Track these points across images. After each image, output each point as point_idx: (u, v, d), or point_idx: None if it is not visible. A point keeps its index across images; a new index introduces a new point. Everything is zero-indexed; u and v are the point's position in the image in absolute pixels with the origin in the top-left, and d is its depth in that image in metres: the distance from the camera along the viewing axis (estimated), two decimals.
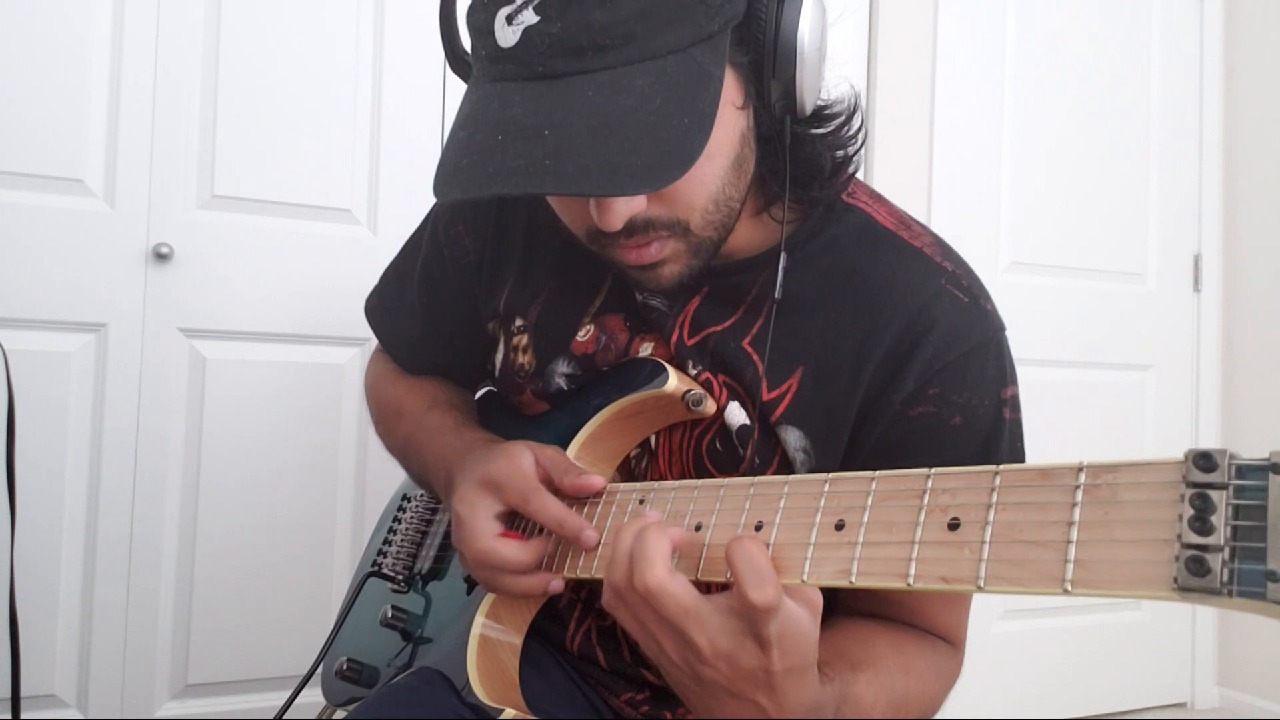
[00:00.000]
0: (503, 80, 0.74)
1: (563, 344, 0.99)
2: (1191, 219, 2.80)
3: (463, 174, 0.72)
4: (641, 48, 0.71)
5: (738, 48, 0.78)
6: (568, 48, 0.71)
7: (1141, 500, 0.43)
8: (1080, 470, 0.47)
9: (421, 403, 1.10)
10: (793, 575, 0.61)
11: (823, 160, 0.87)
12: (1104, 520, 0.44)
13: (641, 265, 0.83)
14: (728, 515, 0.69)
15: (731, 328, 0.91)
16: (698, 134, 0.72)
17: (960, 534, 0.50)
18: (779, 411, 0.88)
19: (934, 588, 0.50)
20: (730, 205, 0.83)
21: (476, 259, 1.07)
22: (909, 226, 0.93)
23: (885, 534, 0.55)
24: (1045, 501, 0.47)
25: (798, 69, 0.80)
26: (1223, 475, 0.41)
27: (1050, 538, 0.46)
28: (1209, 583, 0.40)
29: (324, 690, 1.12)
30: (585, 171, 0.69)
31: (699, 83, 0.73)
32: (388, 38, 1.97)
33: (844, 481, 0.61)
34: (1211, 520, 0.40)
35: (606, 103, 0.70)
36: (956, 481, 0.53)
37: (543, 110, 0.71)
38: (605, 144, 0.70)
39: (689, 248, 0.83)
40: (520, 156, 0.70)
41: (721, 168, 0.80)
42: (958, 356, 0.85)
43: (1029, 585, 0.45)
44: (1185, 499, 0.42)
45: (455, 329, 1.11)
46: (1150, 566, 0.42)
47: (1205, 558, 0.40)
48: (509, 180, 0.70)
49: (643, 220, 0.79)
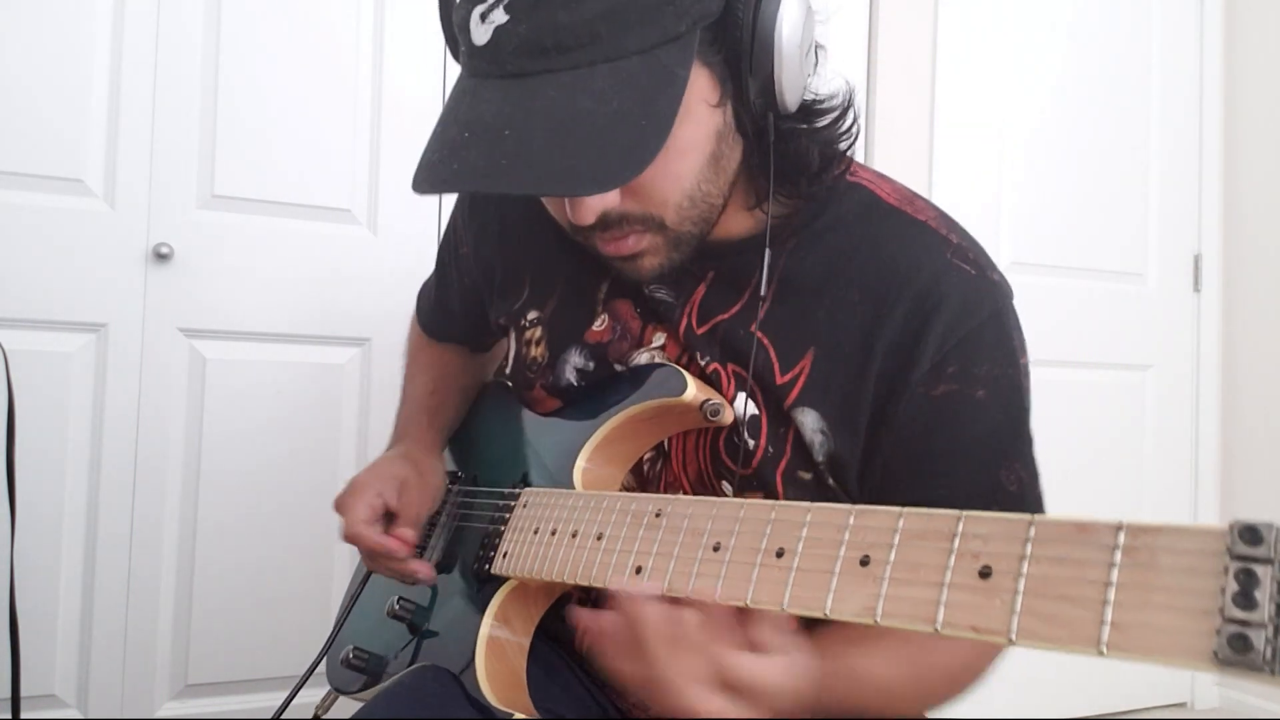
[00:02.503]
0: (477, 76, 0.77)
1: (576, 334, 0.99)
2: (1191, 219, 2.80)
3: (433, 170, 0.75)
4: (605, 49, 0.73)
5: (711, 46, 0.79)
6: (533, 48, 0.73)
7: (1183, 567, 0.42)
8: (1120, 530, 0.46)
9: (424, 362, 1.25)
10: (815, 608, 0.60)
11: (810, 156, 0.87)
12: (1143, 584, 0.44)
13: (620, 257, 0.85)
14: (747, 539, 0.68)
15: (740, 313, 0.91)
16: (654, 136, 0.74)
17: (992, 583, 0.50)
18: (794, 394, 0.87)
19: (963, 635, 0.50)
20: (708, 201, 0.84)
21: (472, 251, 1.11)
22: (912, 202, 0.93)
23: (912, 574, 0.55)
24: (1081, 558, 0.46)
25: (776, 66, 0.80)
26: (1269, 550, 0.41)
27: (1087, 595, 0.45)
28: (1251, 660, 0.39)
29: (329, 678, 1.12)
30: (540, 173, 0.72)
31: (661, 84, 0.74)
32: (388, 38, 1.96)
33: (869, 515, 0.60)
34: (1256, 596, 0.40)
35: (566, 104, 0.72)
36: (988, 528, 0.52)
37: (506, 110, 0.74)
38: (561, 146, 0.72)
39: (666, 241, 0.85)
40: (482, 156, 0.73)
41: (695, 164, 0.81)
42: (971, 330, 0.85)
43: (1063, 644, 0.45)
44: (1229, 572, 0.41)
45: (460, 308, 1.19)
46: (1189, 637, 0.42)
47: (1248, 634, 0.39)
48: (470, 179, 0.75)
49: (617, 215, 0.82)
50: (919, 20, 2.45)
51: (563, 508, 0.88)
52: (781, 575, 0.64)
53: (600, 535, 0.80)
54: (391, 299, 1.92)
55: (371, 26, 1.95)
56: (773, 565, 0.65)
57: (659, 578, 0.72)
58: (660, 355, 0.95)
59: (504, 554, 0.93)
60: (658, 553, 0.74)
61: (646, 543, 0.75)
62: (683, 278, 0.93)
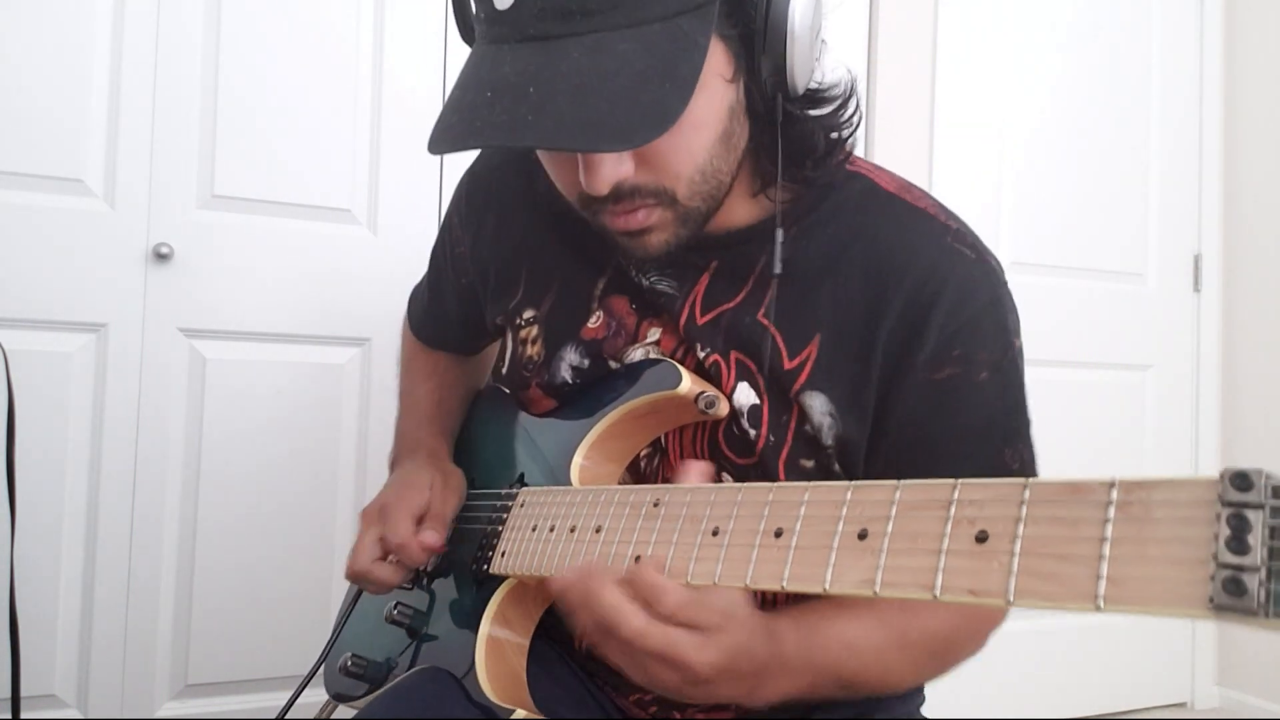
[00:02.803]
0: (497, 42, 0.77)
1: (572, 331, 0.99)
2: (1191, 219, 2.80)
3: (452, 130, 0.76)
4: (627, 14, 0.74)
5: (728, 20, 0.80)
6: (557, 11, 0.74)
7: (1177, 518, 0.43)
8: (1113, 486, 0.46)
9: (422, 369, 1.25)
10: (814, 584, 0.60)
11: (815, 140, 0.88)
12: (1137, 537, 0.44)
13: (629, 231, 0.85)
14: (746, 521, 0.68)
15: (744, 302, 0.92)
16: (677, 98, 0.74)
17: (988, 546, 0.50)
18: (801, 379, 0.89)
19: (961, 600, 0.49)
20: (718, 178, 0.85)
21: (469, 252, 1.11)
22: (909, 190, 0.94)
23: (910, 544, 0.55)
24: (1076, 517, 0.46)
25: (788, 46, 0.81)
26: (1260, 495, 0.41)
27: (1082, 553, 0.45)
28: (1245, 603, 0.39)
29: (327, 686, 1.12)
30: (564, 127, 0.73)
31: (683, 50, 0.75)
32: (388, 38, 1.96)
33: (867, 490, 0.60)
34: (1248, 540, 0.40)
35: (590, 64, 0.73)
36: (983, 493, 0.52)
37: (530, 70, 0.74)
38: (586, 103, 0.72)
39: (676, 216, 0.85)
40: (505, 112, 0.73)
41: (709, 139, 0.82)
42: (972, 314, 0.87)
43: (1060, 600, 0.45)
44: (1222, 518, 0.41)
45: (456, 311, 1.18)
46: (1185, 585, 0.42)
47: (1242, 578, 0.40)
48: (493, 134, 0.74)
49: (630, 187, 0.82)
50: (919, 19, 2.46)
51: (560, 504, 0.88)
52: (780, 554, 0.64)
53: (599, 529, 0.80)
54: (391, 299, 1.92)
55: (372, 26, 1.96)
56: (771, 545, 0.65)
57: (659, 565, 0.71)
58: (655, 350, 0.95)
59: (502, 553, 0.93)
60: (656, 541, 0.74)
61: (645, 532, 0.75)
62: (685, 269, 0.94)
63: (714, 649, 0.69)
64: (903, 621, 0.85)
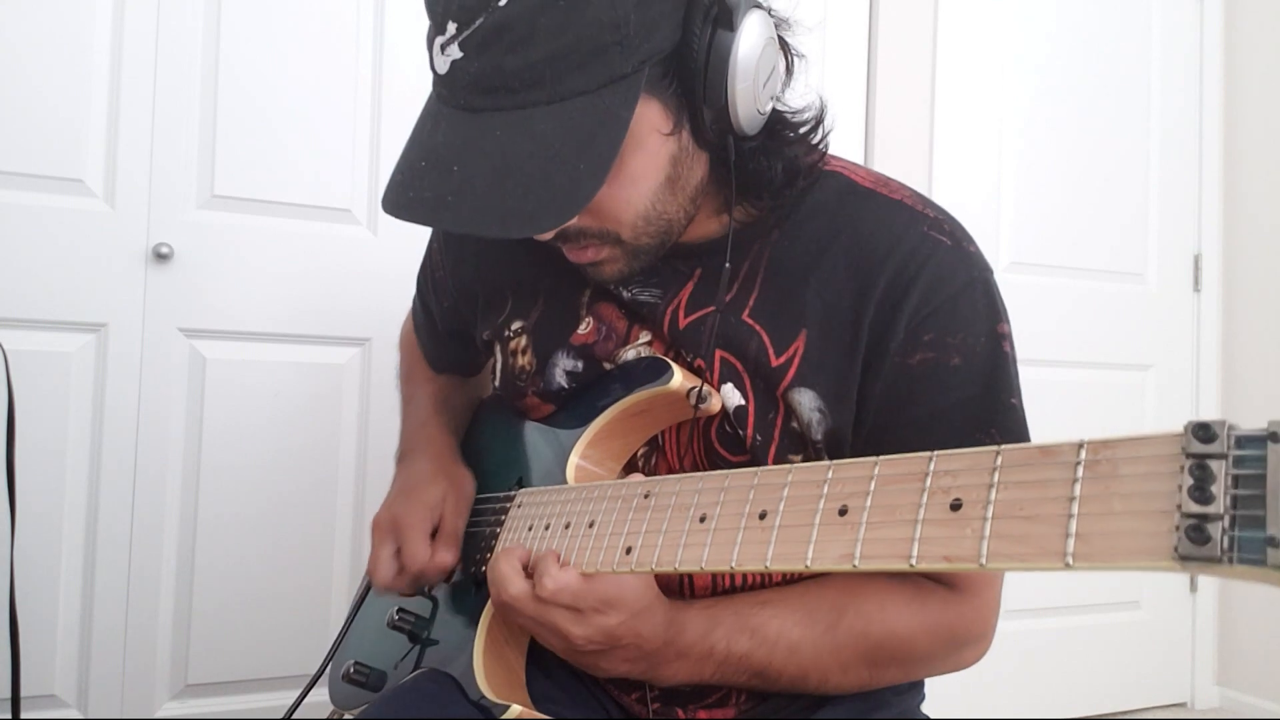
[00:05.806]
0: (440, 100, 0.82)
1: (562, 338, 1.00)
2: (1191, 219, 2.80)
3: (393, 192, 0.81)
4: (549, 91, 0.77)
5: (663, 80, 0.81)
6: (482, 86, 0.78)
7: (1141, 473, 0.43)
8: (1081, 447, 0.47)
9: (423, 374, 1.28)
10: (796, 562, 0.61)
11: (772, 173, 0.90)
12: (1104, 494, 0.44)
13: (583, 263, 0.90)
14: (732, 506, 0.69)
15: (728, 305, 0.92)
16: (591, 178, 0.77)
17: (962, 513, 0.51)
18: (789, 376, 0.89)
19: (936, 567, 0.50)
20: (665, 219, 0.88)
21: (449, 276, 1.14)
22: (886, 184, 0.96)
23: (888, 517, 0.55)
24: (1046, 479, 0.47)
25: (730, 94, 0.82)
26: (1222, 445, 0.41)
27: (1051, 513, 0.46)
28: (1209, 551, 0.40)
29: (331, 695, 1.12)
30: (480, 213, 0.77)
31: (602, 126, 0.77)
32: (388, 38, 1.97)
33: (847, 468, 0.61)
34: (1211, 489, 0.40)
35: (509, 144, 0.77)
36: (958, 463, 0.53)
37: (456, 144, 0.79)
38: (502, 186, 0.76)
39: (625, 252, 0.89)
40: (431, 188, 0.78)
41: (649, 189, 0.85)
42: (946, 298, 0.88)
43: (1030, 560, 0.45)
44: (1185, 469, 0.42)
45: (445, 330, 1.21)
46: (1150, 538, 0.42)
47: (1205, 526, 0.40)
48: (420, 210, 0.79)
49: (574, 230, 0.86)
50: (919, 21, 2.46)
51: (555, 503, 0.90)
52: (765, 535, 0.65)
53: (592, 523, 0.82)
54: (391, 299, 1.92)
55: (372, 26, 1.97)
56: (756, 527, 0.66)
57: (649, 555, 0.74)
58: (647, 350, 0.96)
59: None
60: (647, 530, 0.75)
61: (636, 524, 0.77)
62: (670, 276, 0.95)
63: (589, 627, 0.80)
64: (831, 619, 0.87)
